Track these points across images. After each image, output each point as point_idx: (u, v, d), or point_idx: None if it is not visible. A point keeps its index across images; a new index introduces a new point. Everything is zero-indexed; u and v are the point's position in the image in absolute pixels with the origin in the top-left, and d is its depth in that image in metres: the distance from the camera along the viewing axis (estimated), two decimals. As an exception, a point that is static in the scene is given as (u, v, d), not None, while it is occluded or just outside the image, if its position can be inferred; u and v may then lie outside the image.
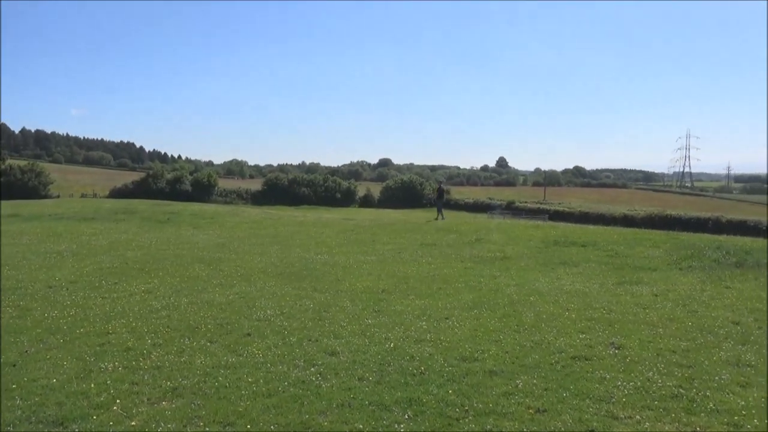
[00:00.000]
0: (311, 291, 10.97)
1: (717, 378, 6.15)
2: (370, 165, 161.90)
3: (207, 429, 5.03)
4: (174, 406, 5.48)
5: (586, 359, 6.77)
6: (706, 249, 15.87)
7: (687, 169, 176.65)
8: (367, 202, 58.16)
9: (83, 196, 58.20)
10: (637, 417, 5.17)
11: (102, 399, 5.62)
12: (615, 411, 5.29)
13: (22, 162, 58.08)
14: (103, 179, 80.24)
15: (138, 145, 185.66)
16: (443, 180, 46.55)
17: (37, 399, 5.63)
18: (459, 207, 55.30)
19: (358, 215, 37.57)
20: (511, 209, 48.70)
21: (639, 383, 5.96)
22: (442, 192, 33.90)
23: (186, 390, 5.85)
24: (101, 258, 15.00)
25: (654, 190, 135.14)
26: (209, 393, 5.78)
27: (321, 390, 5.85)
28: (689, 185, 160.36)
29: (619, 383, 5.96)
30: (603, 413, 5.25)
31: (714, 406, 5.40)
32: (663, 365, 6.54)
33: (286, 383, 6.03)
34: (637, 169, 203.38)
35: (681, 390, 5.79)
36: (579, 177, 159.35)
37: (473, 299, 10.20)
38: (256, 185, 64.22)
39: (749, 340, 7.65)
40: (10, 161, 57.19)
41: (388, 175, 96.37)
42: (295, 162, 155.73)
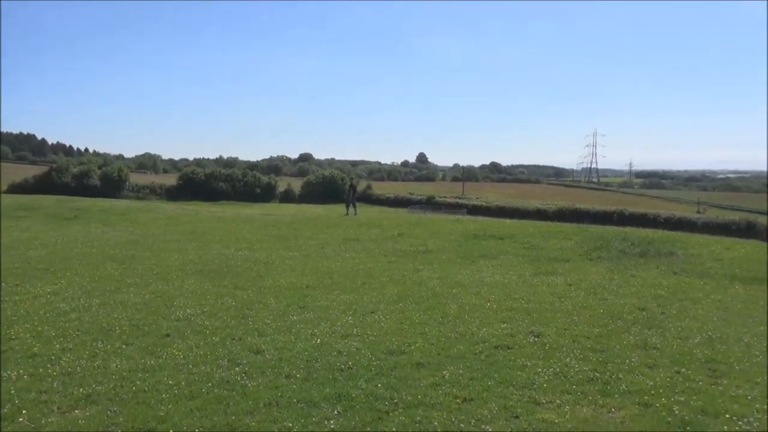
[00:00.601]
0: (233, 288, 10.67)
1: (627, 361, 6.53)
2: (290, 160, 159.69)
3: (125, 436, 4.77)
4: (88, 414, 5.15)
5: (508, 348, 6.99)
6: (612, 240, 16.84)
7: (594, 166, 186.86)
8: (288, 197, 57.33)
9: (-24, 191, 53.68)
10: (558, 401, 5.40)
11: (6, 410, 5.19)
12: (537, 396, 5.49)
13: None
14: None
15: (39, 137, 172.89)
16: (354, 176, 46.66)
17: (-71, 414, 5.12)
18: (380, 202, 55.66)
19: (278, 210, 36.99)
20: (432, 204, 49.58)
21: (558, 369, 6.23)
22: (354, 188, 33.93)
23: (101, 396, 5.51)
24: (-1, 258, 13.88)
25: (564, 185, 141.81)
26: (126, 398, 5.48)
27: (247, 390, 5.69)
28: (596, 181, 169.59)
29: (540, 370, 6.20)
30: (526, 399, 5.44)
31: (626, 387, 5.72)
32: (579, 351, 6.87)
33: (209, 384, 5.82)
34: (549, 166, 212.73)
35: (596, 373, 6.10)
36: (495, 172, 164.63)
37: (398, 293, 10.29)
38: (170, 180, 61.69)
39: (654, 324, 8.18)
40: None
41: (309, 170, 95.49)
42: (212, 156, 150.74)
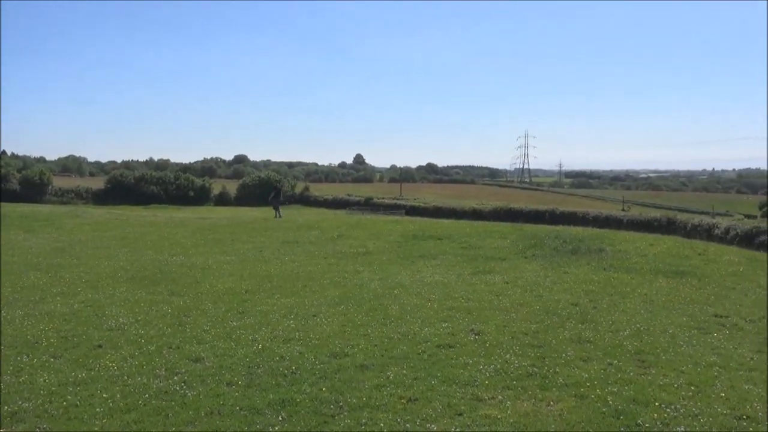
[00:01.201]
0: (168, 295, 10.33)
1: (563, 355, 6.77)
2: (225, 161, 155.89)
3: (56, 454, 4.52)
4: (14, 432, 4.85)
5: (450, 347, 7.10)
6: (546, 239, 17.42)
7: (526, 166, 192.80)
8: (223, 200, 56.00)
9: None
10: (499, 397, 5.53)
11: None
12: (479, 393, 5.61)
13: None
14: None
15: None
16: (278, 180, 46.17)
17: None
18: (319, 204, 55.26)
19: (214, 214, 36.07)
20: (370, 205, 49.64)
21: (498, 365, 6.38)
22: (279, 191, 33.57)
23: (28, 413, 5.20)
24: None
25: (499, 185, 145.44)
26: (56, 414, 5.20)
27: (186, 399, 5.52)
28: (528, 181, 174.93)
29: (481, 367, 6.33)
30: (469, 396, 5.54)
31: (563, 380, 5.93)
32: (518, 347, 7.06)
33: (146, 396, 5.60)
34: (484, 166, 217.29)
35: (535, 368, 6.29)
36: (432, 173, 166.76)
37: (339, 295, 10.26)
38: (97, 183, 59.02)
39: (587, 318, 8.52)
40: None
41: (244, 172, 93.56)
42: (142, 158, 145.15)
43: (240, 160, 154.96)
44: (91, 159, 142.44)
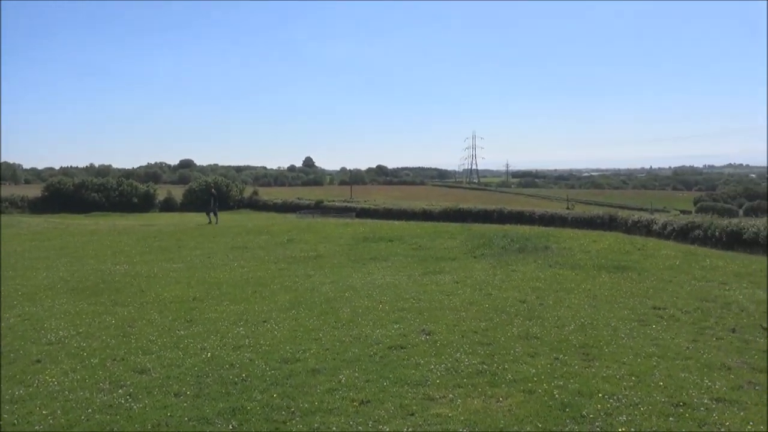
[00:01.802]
0: (111, 306, 10.00)
1: (512, 351, 6.92)
2: (170, 166, 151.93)
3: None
4: (-56, 456, 4.60)
5: (401, 348, 7.15)
6: (494, 238, 17.77)
7: (474, 167, 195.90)
8: (169, 206, 54.52)
9: None
10: (450, 395, 5.60)
11: None
12: (431, 393, 5.67)
13: None
14: None
15: None
16: (213, 185, 45.45)
17: None
18: (268, 208, 54.56)
19: (159, 220, 35.11)
20: (320, 208, 49.37)
21: (449, 364, 6.46)
22: (214, 197, 32.98)
23: (-40, 435, 4.94)
24: None
25: (448, 186, 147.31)
26: (-9, 435, 4.95)
27: (132, 412, 5.35)
28: (476, 181, 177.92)
29: (432, 366, 6.40)
30: (420, 396, 5.59)
31: (512, 376, 6.06)
32: (468, 345, 7.17)
33: (89, 410, 5.40)
34: (433, 167, 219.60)
35: (484, 366, 6.41)
36: (382, 175, 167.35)
37: (290, 300, 10.17)
38: (34, 191, 56.47)
39: (534, 315, 8.73)
40: None
41: (190, 177, 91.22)
42: (82, 164, 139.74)
43: (186, 164, 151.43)
44: (27, 166, 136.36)
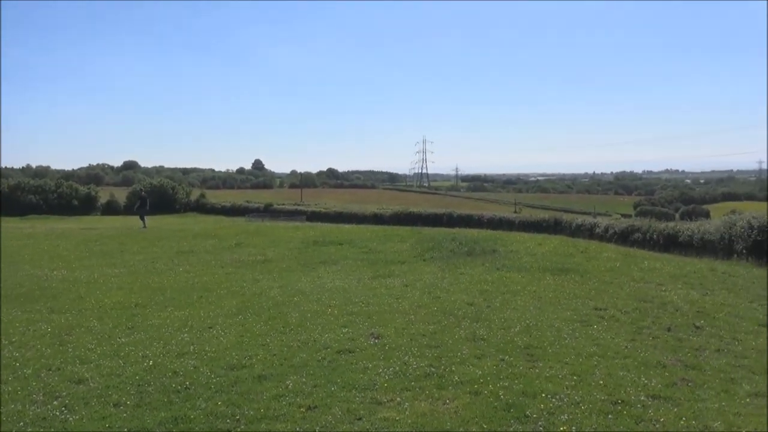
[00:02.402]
0: (47, 313, 9.57)
1: (459, 354, 7.00)
2: (113, 168, 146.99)
3: None
4: None
5: (350, 352, 7.12)
6: (443, 241, 17.97)
7: (425, 171, 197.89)
8: (111, 209, 52.72)
9: None
10: (398, 399, 5.62)
11: None
12: (379, 397, 5.67)
13: None
14: None
15: None
16: (142, 188, 44.45)
17: None
18: (216, 211, 53.56)
19: (101, 224, 33.90)
20: (270, 212, 48.82)
21: (397, 368, 6.48)
22: (144, 200, 32.15)
23: None
24: None
25: (399, 189, 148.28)
26: None
27: (68, 425, 5.13)
28: (427, 185, 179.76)
29: (381, 370, 6.40)
30: (368, 400, 5.58)
31: (458, 378, 6.13)
32: (416, 348, 7.21)
33: (21, 424, 5.15)
34: (384, 171, 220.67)
35: (432, 368, 6.45)
36: (332, 178, 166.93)
37: (237, 305, 9.99)
38: (-36, 193, 53.57)
39: (481, 317, 8.86)
40: None
41: (134, 179, 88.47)
42: (18, 165, 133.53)
43: (130, 166, 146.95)
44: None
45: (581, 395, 5.58)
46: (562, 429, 4.86)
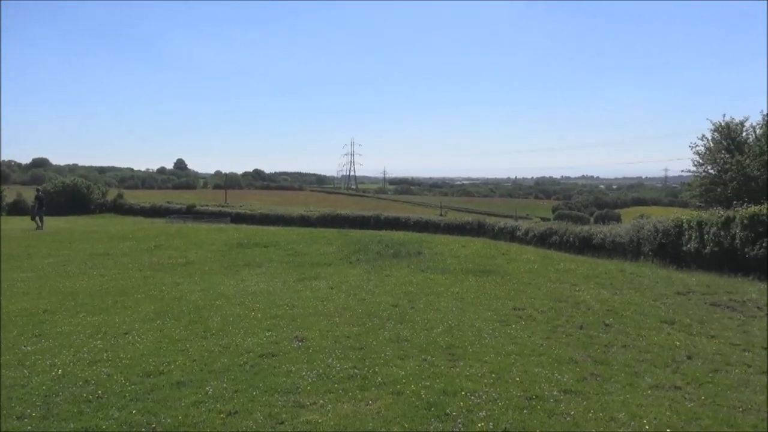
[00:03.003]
0: (-57, 321, 8.85)
1: (383, 355, 7.07)
2: (20, 165, 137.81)
3: None
4: None
5: (273, 355, 7.03)
6: (369, 243, 18.08)
7: (353, 173, 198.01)
8: (18, 209, 49.42)
9: None
10: (321, 401, 5.61)
11: None
12: (301, 400, 5.63)
13: None
14: None
15: None
16: (40, 187, 42.35)
17: None
18: (135, 212, 51.26)
19: (6, 225, 31.67)
20: (192, 213, 47.33)
21: (321, 370, 6.47)
22: (41, 200, 30.59)
23: None
24: None
25: (326, 192, 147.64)
26: None
27: (-36, 440, 4.78)
28: (355, 187, 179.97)
29: (304, 373, 6.37)
30: (291, 404, 5.54)
31: (381, 379, 6.19)
32: (340, 351, 7.22)
33: None
34: (311, 173, 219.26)
35: (356, 370, 6.48)
36: (259, 180, 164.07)
37: (155, 309, 9.63)
38: None
39: (405, 318, 8.99)
40: None
41: (44, 178, 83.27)
42: None
43: (39, 164, 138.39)
44: None
45: (499, 392, 5.78)
46: (480, 425, 5.01)
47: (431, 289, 11.48)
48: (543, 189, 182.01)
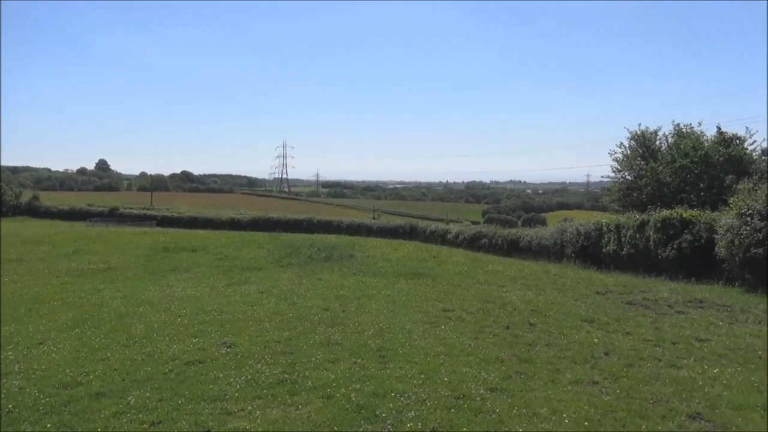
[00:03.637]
0: None
1: (313, 359, 7.03)
2: None
3: None
4: None
5: (200, 362, 6.85)
6: (301, 247, 17.95)
7: (285, 176, 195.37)
8: None
9: None
10: (249, 408, 5.51)
11: None
12: (229, 407, 5.51)
13: None
14: None
15: None
16: None
17: None
18: (52, 215, 48.64)
19: None
20: (116, 216, 45.41)
21: (249, 376, 6.35)
22: None
23: None
24: None
25: (258, 195, 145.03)
26: None
27: None
28: (287, 190, 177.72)
29: (232, 380, 6.24)
30: (218, 411, 5.41)
31: (311, 383, 6.16)
32: (270, 356, 7.13)
33: None
34: (242, 175, 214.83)
35: (285, 375, 6.41)
36: (187, 182, 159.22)
37: (74, 317, 9.18)
38: None
39: (336, 322, 8.98)
40: None
41: (-50, 178, 77.42)
42: None
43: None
44: None
45: (428, 392, 5.88)
46: (409, 426, 5.08)
47: (363, 292, 11.53)
48: (473, 193, 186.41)
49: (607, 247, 16.84)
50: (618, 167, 25.52)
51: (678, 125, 25.04)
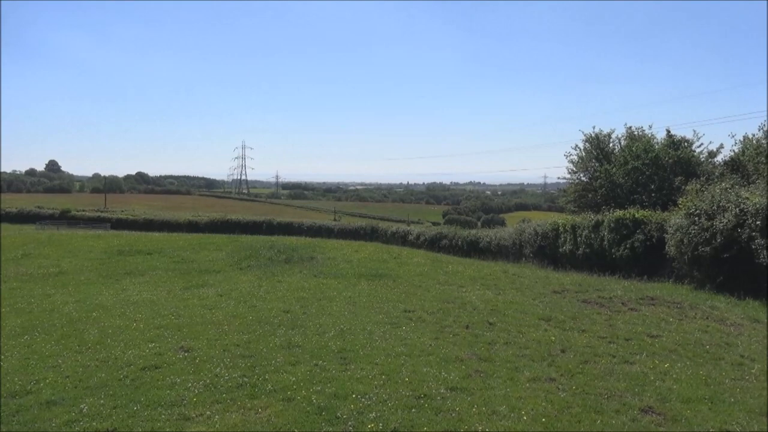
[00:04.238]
0: None
1: (273, 362, 6.96)
2: None
3: None
4: None
5: (156, 368, 6.70)
6: (261, 249, 17.74)
7: (244, 177, 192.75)
8: None
9: None
10: (208, 412, 5.42)
11: None
12: (187, 412, 5.41)
13: None
14: None
15: None
16: None
17: None
18: (-1, 218, 46.78)
19: None
20: (67, 219, 43.98)
21: (208, 380, 6.25)
22: None
23: None
24: None
25: (216, 196, 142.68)
26: None
27: None
28: (246, 192, 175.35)
29: (190, 384, 6.12)
30: (176, 417, 5.30)
31: (272, 386, 6.09)
32: (229, 359, 7.02)
33: None
34: (200, 176, 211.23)
35: (245, 379, 6.33)
36: (143, 183, 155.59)
37: (22, 324, 8.85)
38: None
39: (297, 324, 8.91)
40: None
41: None
42: None
43: None
44: None
45: (389, 393, 5.89)
46: (370, 426, 5.08)
47: (324, 294, 11.48)
48: (434, 194, 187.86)
49: (564, 247, 17.22)
50: (573, 169, 26.13)
51: (630, 128, 25.84)
